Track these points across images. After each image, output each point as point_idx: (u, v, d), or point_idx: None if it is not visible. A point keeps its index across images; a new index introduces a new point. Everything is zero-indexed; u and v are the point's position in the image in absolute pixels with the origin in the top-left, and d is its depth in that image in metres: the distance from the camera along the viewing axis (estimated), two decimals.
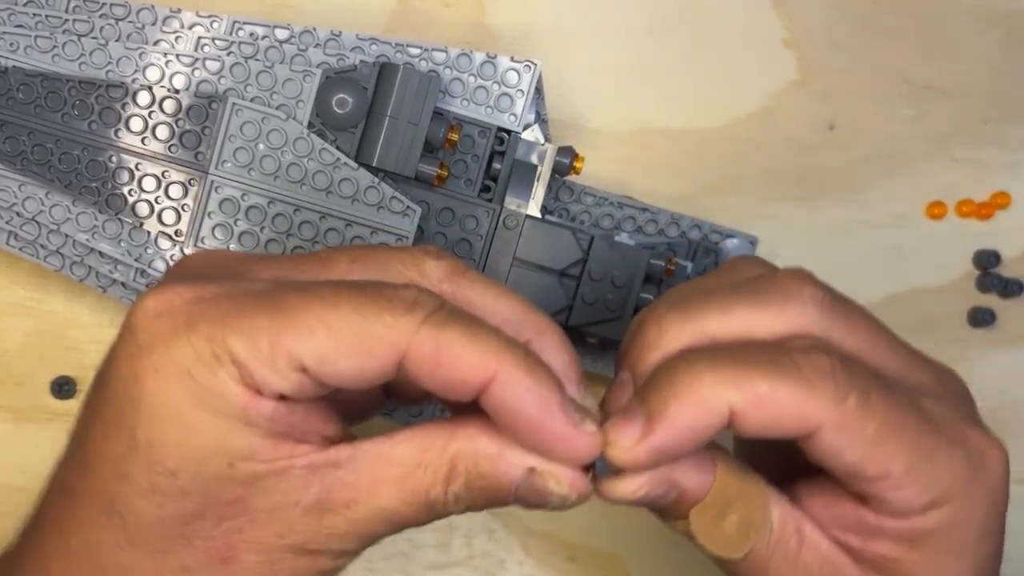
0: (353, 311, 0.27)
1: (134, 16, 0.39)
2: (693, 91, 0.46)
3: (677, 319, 0.30)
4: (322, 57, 0.39)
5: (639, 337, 0.30)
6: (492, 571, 0.44)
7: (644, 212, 0.44)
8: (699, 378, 0.28)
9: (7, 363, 0.43)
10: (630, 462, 0.28)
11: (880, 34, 0.47)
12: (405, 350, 0.27)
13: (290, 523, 0.28)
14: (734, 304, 0.30)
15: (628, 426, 0.28)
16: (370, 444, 0.28)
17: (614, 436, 0.28)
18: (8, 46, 0.38)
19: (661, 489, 0.29)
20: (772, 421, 0.28)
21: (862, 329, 0.31)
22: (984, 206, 0.47)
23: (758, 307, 0.30)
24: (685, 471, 0.30)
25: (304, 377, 0.27)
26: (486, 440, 0.28)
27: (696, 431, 0.28)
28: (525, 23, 0.45)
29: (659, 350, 0.29)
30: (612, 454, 0.28)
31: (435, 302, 0.27)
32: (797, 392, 0.28)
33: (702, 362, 0.28)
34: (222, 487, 0.27)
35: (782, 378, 0.28)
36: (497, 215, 0.40)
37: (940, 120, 0.47)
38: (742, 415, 0.28)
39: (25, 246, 0.39)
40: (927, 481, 0.29)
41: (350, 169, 0.38)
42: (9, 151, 0.39)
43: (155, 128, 0.39)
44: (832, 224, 0.47)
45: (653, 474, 0.29)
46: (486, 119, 0.40)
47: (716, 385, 0.28)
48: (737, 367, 0.28)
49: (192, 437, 0.27)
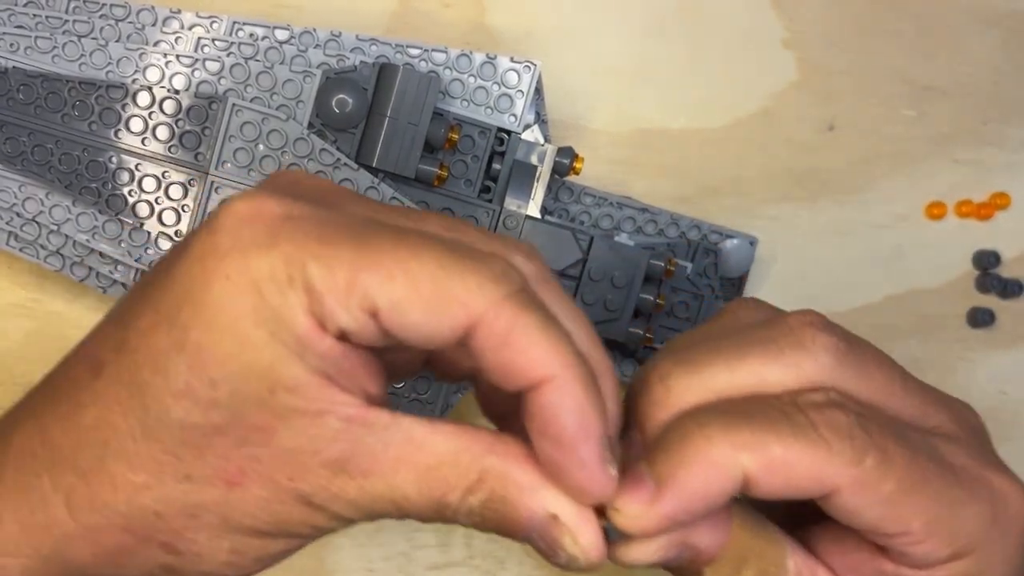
0: (437, 265, 0.26)
1: (134, 17, 0.39)
2: (693, 92, 0.46)
3: (683, 376, 0.29)
4: (322, 58, 0.39)
5: (644, 395, 0.29)
6: (492, 571, 0.44)
7: (644, 212, 0.44)
8: (710, 441, 0.27)
9: (7, 363, 0.43)
10: (639, 530, 0.27)
11: (880, 35, 0.47)
12: (478, 319, 0.26)
13: (304, 469, 0.27)
14: (744, 358, 0.29)
15: (637, 491, 0.27)
16: (409, 422, 0.27)
17: (622, 503, 0.27)
18: (8, 47, 0.38)
19: (674, 552, 0.29)
20: (787, 484, 0.27)
21: (876, 375, 0.30)
22: (984, 206, 0.47)
23: (768, 359, 0.29)
24: (699, 532, 0.29)
25: (371, 321, 0.26)
26: (522, 469, 0.27)
27: (708, 497, 0.27)
28: (525, 23, 0.45)
29: (666, 408, 0.29)
30: (621, 522, 0.27)
31: (520, 281, 0.26)
32: (814, 454, 0.27)
33: (713, 424, 0.27)
34: (255, 411, 0.26)
35: (797, 440, 0.27)
36: (497, 215, 0.40)
37: (940, 121, 0.47)
38: (755, 479, 0.27)
39: (25, 247, 0.40)
40: (949, 533, 0.28)
41: (350, 170, 0.38)
42: (9, 152, 0.39)
43: (155, 129, 0.39)
44: (832, 224, 0.47)
45: (666, 537, 0.28)
46: (486, 120, 0.40)
47: (728, 449, 0.27)
48: (751, 429, 0.27)
49: (243, 352, 0.26)
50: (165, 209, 0.39)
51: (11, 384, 0.43)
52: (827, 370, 0.29)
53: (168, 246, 0.39)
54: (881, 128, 0.47)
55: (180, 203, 0.39)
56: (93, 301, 0.43)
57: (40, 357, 0.43)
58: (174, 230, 0.39)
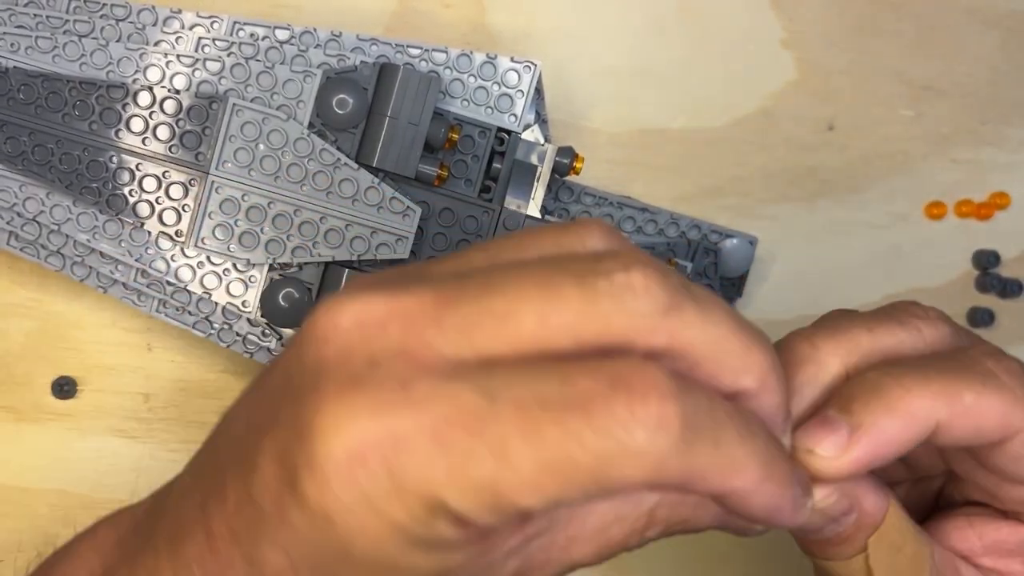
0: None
1: (135, 17, 0.39)
2: (693, 91, 0.46)
3: (828, 335, 0.30)
4: (322, 58, 0.39)
5: (788, 353, 0.30)
6: None
7: (643, 212, 0.44)
8: (909, 391, 0.28)
9: (7, 363, 0.43)
10: (832, 471, 0.28)
11: (879, 35, 0.47)
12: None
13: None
14: (877, 323, 0.30)
15: (833, 434, 0.28)
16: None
17: (813, 443, 0.28)
18: (9, 46, 0.38)
19: (844, 504, 0.29)
20: (976, 430, 0.29)
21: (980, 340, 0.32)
22: (983, 206, 0.47)
23: (898, 327, 0.30)
24: (866, 490, 0.30)
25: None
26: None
27: (901, 444, 0.28)
28: (525, 23, 0.45)
29: (814, 364, 0.29)
30: (816, 463, 0.28)
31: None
32: (1002, 400, 0.29)
33: (908, 376, 0.28)
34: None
35: (986, 387, 0.29)
36: (497, 216, 0.40)
37: (939, 121, 0.47)
38: (947, 426, 0.28)
39: (26, 246, 0.40)
40: None
41: (350, 169, 0.38)
42: (10, 151, 0.39)
43: (156, 128, 0.39)
44: (831, 224, 0.47)
45: (841, 487, 0.29)
46: (486, 119, 0.40)
47: (926, 399, 0.28)
48: (942, 379, 0.28)
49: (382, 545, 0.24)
50: (165, 209, 0.39)
51: (11, 384, 0.43)
52: (949, 337, 0.31)
53: (168, 245, 0.39)
54: (880, 128, 0.47)
55: (180, 203, 0.39)
56: (93, 301, 0.43)
57: (40, 357, 0.43)
58: (174, 230, 0.39)
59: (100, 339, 0.43)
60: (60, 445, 0.42)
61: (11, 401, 0.43)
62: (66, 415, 0.43)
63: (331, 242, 0.39)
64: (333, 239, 0.39)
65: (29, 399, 0.43)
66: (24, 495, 0.42)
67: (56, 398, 0.43)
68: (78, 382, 0.43)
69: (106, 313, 0.43)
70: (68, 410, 0.43)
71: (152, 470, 0.42)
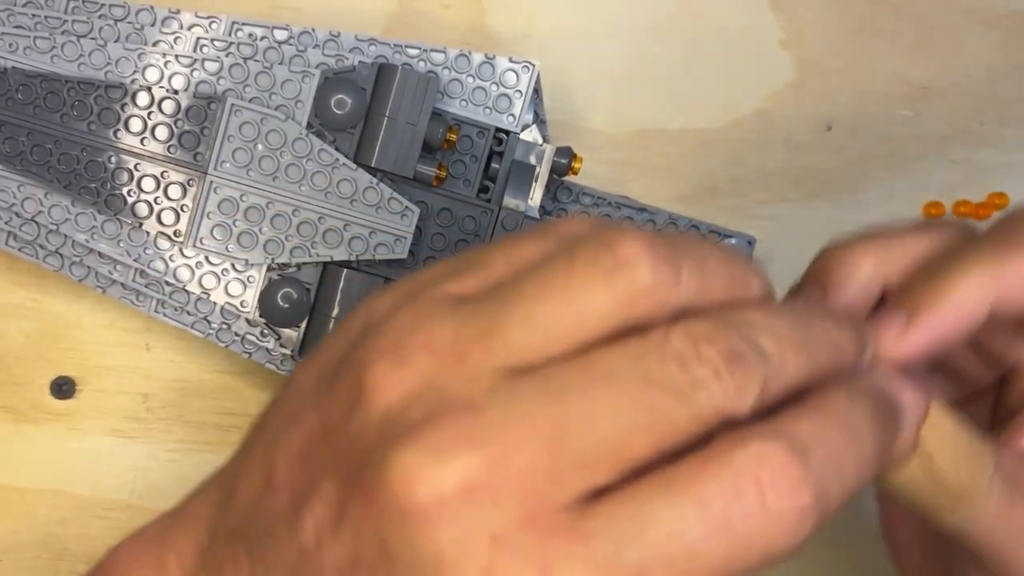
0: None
1: (133, 17, 0.39)
2: (691, 92, 0.46)
3: (861, 241, 0.31)
4: (321, 58, 0.39)
5: (827, 259, 0.32)
6: None
7: (642, 212, 0.44)
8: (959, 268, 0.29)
9: (7, 363, 0.43)
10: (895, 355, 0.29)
11: (877, 35, 0.47)
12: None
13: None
14: (906, 231, 0.32)
15: (892, 322, 0.29)
16: None
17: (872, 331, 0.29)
18: (7, 47, 0.39)
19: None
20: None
21: None
22: (982, 206, 0.47)
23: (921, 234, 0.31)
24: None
25: None
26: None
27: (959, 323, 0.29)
28: (524, 24, 0.45)
29: (852, 264, 0.31)
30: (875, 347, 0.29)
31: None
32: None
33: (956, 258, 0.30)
34: None
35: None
36: (495, 216, 0.40)
37: (938, 121, 0.47)
38: (1003, 300, 0.29)
39: (24, 246, 0.40)
40: None
41: (349, 170, 0.38)
42: (8, 151, 0.39)
43: (154, 129, 0.39)
44: (830, 224, 0.47)
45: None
46: (484, 120, 0.40)
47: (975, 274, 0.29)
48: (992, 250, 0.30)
49: None
50: (164, 209, 0.39)
51: (11, 384, 0.43)
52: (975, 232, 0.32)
53: (167, 245, 0.39)
54: (879, 128, 0.47)
55: (179, 203, 0.39)
56: (93, 301, 0.43)
57: (40, 357, 0.43)
58: (173, 230, 0.39)
59: (99, 339, 0.43)
60: (59, 445, 0.43)
61: (10, 401, 0.43)
62: (65, 415, 0.43)
63: (329, 242, 0.39)
64: (331, 239, 0.39)
65: (28, 399, 0.43)
66: (23, 495, 0.42)
67: (55, 398, 0.43)
68: (77, 382, 0.43)
69: (105, 313, 0.43)
70: (67, 410, 0.43)
71: (151, 470, 0.43)
